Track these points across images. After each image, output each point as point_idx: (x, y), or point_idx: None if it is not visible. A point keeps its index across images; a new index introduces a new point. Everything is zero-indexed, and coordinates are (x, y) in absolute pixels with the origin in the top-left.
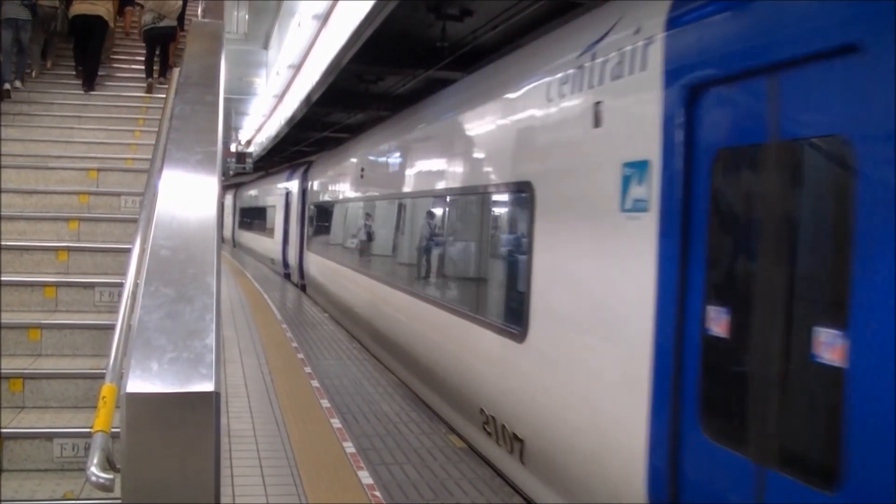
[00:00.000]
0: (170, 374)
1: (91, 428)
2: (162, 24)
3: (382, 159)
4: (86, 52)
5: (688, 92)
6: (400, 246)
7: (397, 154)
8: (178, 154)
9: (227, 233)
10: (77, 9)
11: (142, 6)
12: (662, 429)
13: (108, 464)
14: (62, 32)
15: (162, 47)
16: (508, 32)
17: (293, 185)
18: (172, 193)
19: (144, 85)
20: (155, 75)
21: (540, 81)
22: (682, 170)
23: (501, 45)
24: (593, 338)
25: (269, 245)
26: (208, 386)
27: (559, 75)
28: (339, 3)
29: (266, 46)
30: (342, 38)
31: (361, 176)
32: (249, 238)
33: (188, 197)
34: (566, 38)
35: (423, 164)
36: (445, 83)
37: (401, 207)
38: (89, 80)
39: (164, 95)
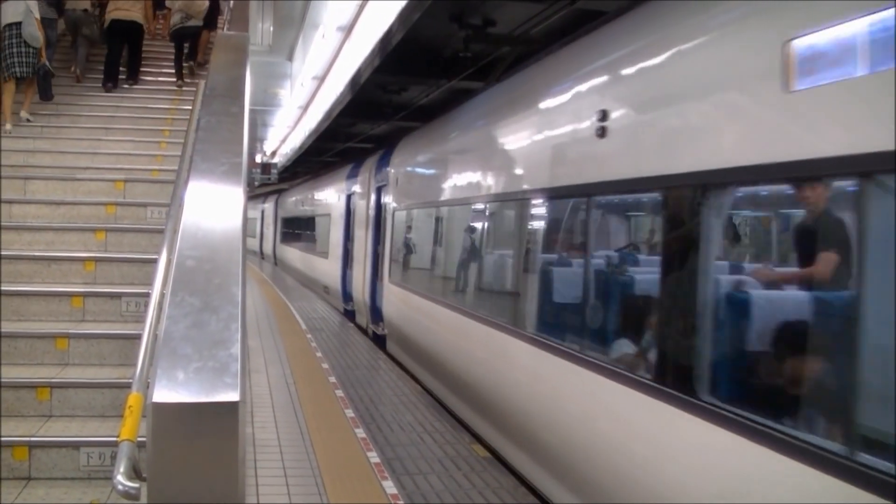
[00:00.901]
0: (195, 383)
1: (118, 437)
2: (189, 23)
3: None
4: (121, 56)
5: None
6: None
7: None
8: (203, 165)
9: (268, 246)
10: (113, 14)
11: (170, 9)
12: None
13: (135, 472)
14: (95, 38)
15: (190, 45)
16: (535, 38)
17: (360, 184)
18: (198, 204)
19: (171, 94)
20: (185, 73)
21: None
22: None
23: (525, 55)
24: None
25: (322, 267)
26: (233, 396)
27: None
28: (363, 14)
29: (290, 58)
30: (366, 49)
31: (495, 158)
32: (295, 256)
33: (214, 207)
34: None
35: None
36: (468, 93)
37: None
38: (134, 76)
39: (189, 107)
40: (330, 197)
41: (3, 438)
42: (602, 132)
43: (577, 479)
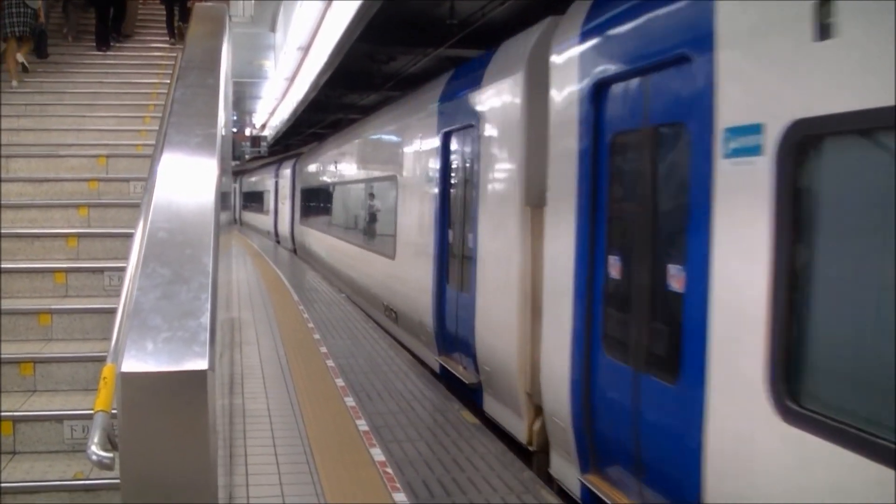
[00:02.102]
0: (164, 353)
1: (92, 408)
2: None
3: None
4: (108, 20)
5: None
6: None
7: None
8: (177, 137)
9: (284, 225)
10: None
11: None
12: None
13: (110, 442)
14: (79, 2)
15: (180, 8)
16: (518, 8)
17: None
18: (171, 176)
19: (163, 52)
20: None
21: None
22: None
23: (511, 20)
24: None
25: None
26: (202, 364)
27: None
28: None
29: (273, 29)
30: (347, 18)
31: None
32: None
33: (187, 179)
34: None
35: None
36: (456, 61)
37: None
38: (107, 41)
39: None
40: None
41: None
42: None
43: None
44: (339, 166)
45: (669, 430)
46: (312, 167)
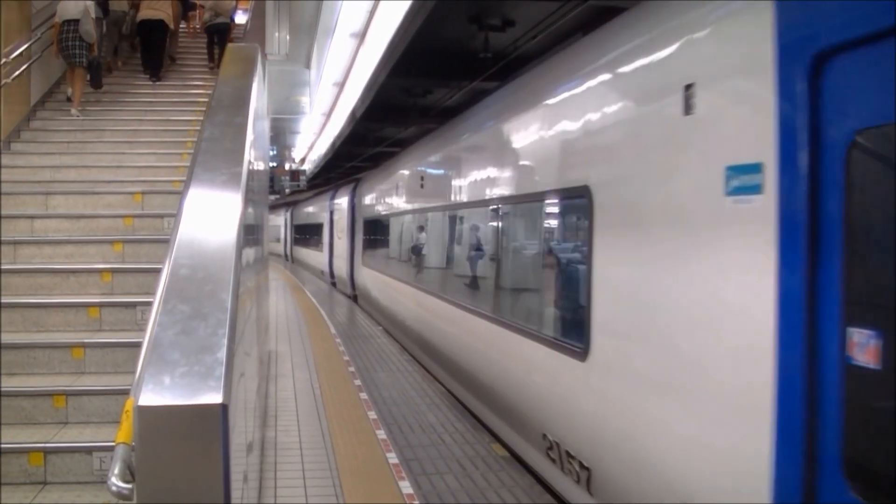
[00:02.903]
0: (180, 387)
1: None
2: (218, 20)
3: None
4: (151, 51)
5: None
6: None
7: None
8: (204, 175)
9: (342, 265)
10: (143, 14)
11: (202, 6)
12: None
13: (130, 474)
14: (130, 35)
15: (220, 39)
16: (549, 40)
17: None
18: (196, 213)
19: (198, 97)
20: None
21: None
22: None
23: (543, 52)
24: None
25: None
26: (216, 398)
27: None
28: (375, 19)
29: (308, 66)
30: (380, 54)
31: None
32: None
33: (211, 216)
34: None
35: None
36: (489, 93)
37: None
38: (156, 73)
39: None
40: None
41: (19, 445)
42: None
43: None
44: (433, 182)
45: None
46: (380, 190)
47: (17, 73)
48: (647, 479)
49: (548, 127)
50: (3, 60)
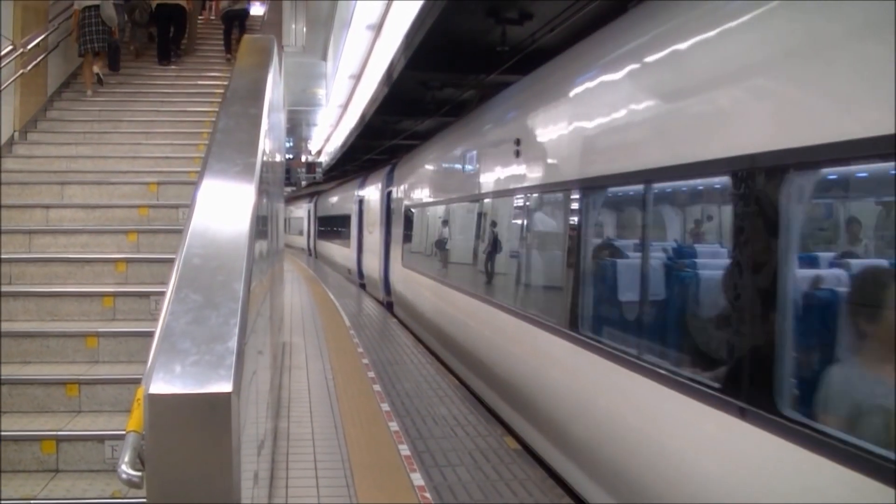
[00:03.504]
0: (190, 375)
1: (125, 429)
2: (236, 7)
3: None
4: (167, 37)
5: None
6: None
7: None
8: (217, 166)
9: (372, 263)
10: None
11: None
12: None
13: (140, 462)
14: (142, 22)
15: (240, 24)
16: (567, 34)
17: None
18: (209, 204)
19: (214, 88)
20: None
21: None
22: None
23: (560, 46)
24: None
25: None
26: (226, 387)
27: None
28: (391, 12)
29: (325, 58)
30: (396, 47)
31: None
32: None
33: (224, 207)
34: None
35: None
36: (507, 86)
37: None
38: (168, 58)
39: None
40: None
41: (32, 432)
42: None
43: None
44: (541, 149)
45: None
46: (434, 169)
47: (35, 63)
48: None
49: None
50: (21, 51)
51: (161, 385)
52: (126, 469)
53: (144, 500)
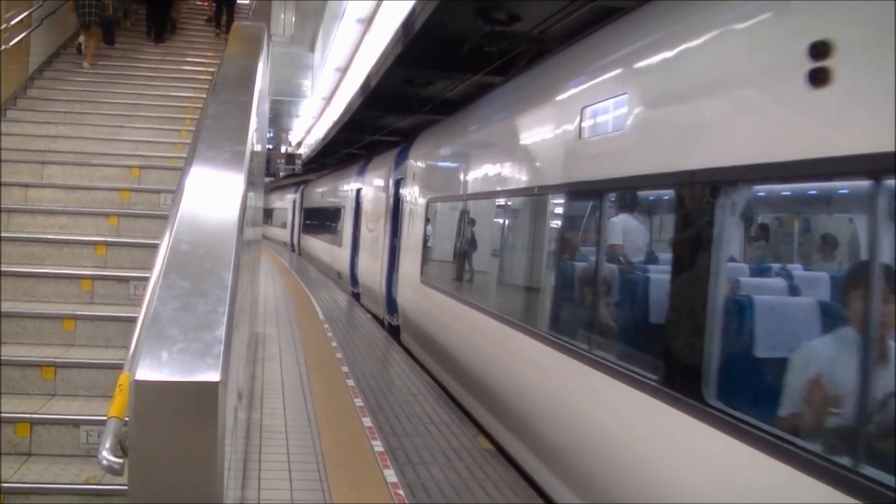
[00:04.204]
0: (178, 363)
1: (106, 414)
2: None
3: None
4: (157, 14)
5: None
6: None
7: None
8: (207, 153)
9: (370, 269)
10: None
11: None
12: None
13: (121, 449)
14: None
15: (227, 11)
16: (555, 37)
17: None
18: (198, 190)
19: (198, 75)
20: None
21: None
22: None
23: (549, 49)
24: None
25: None
26: (214, 376)
27: None
28: (383, 5)
29: (312, 49)
30: (385, 42)
31: None
32: None
33: (213, 194)
34: None
35: None
36: (492, 87)
37: None
38: (160, 36)
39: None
40: None
41: (5, 415)
42: None
43: None
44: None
45: None
46: (474, 150)
47: (17, 40)
48: None
49: None
50: (4, 26)
51: (147, 372)
52: (107, 455)
53: (119, 487)
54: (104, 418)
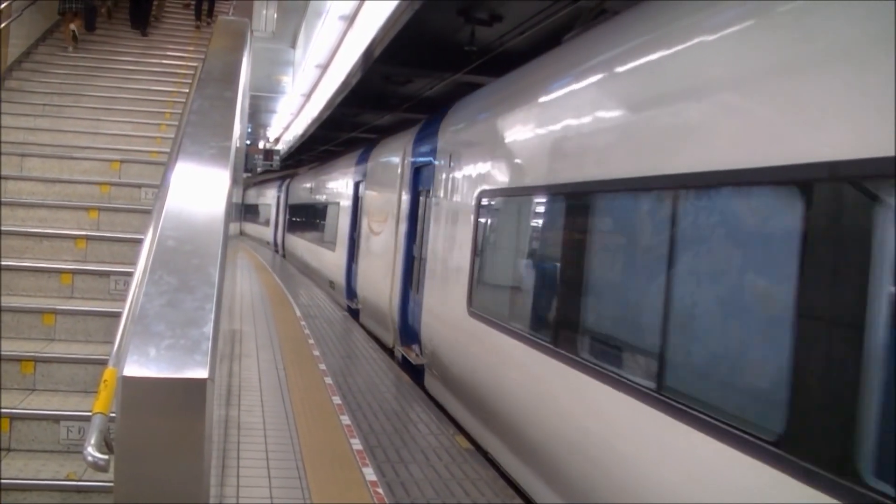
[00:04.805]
0: (165, 360)
1: (91, 410)
2: None
3: None
4: (140, 5)
5: None
6: None
7: None
8: (192, 148)
9: (377, 284)
10: None
11: None
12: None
13: (106, 445)
14: None
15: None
16: (536, 38)
17: None
18: (184, 186)
19: (179, 69)
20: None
21: None
22: None
23: (529, 50)
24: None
25: None
26: (202, 373)
27: None
28: (366, 3)
29: (294, 45)
30: (368, 39)
31: None
32: None
33: (198, 189)
34: None
35: None
36: (473, 86)
37: None
38: (143, 28)
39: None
40: None
41: None
42: None
43: None
44: None
45: None
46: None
47: None
48: None
49: None
50: None
51: (135, 368)
52: (92, 451)
53: (101, 483)
54: (85, 414)
